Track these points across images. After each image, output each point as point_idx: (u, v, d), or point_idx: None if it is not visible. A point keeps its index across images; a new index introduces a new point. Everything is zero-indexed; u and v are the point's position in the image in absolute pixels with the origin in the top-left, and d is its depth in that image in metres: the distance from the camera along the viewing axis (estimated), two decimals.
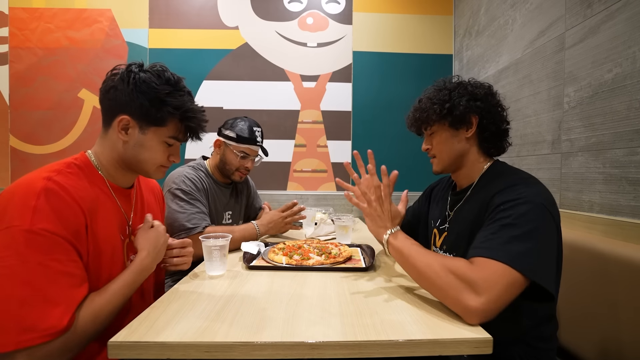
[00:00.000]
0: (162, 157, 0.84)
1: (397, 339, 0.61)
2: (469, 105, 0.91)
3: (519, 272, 0.67)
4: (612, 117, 1.14)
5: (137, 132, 0.80)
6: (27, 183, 0.68)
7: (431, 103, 0.94)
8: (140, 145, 0.81)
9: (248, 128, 1.47)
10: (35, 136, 2.28)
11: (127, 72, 0.79)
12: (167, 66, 0.84)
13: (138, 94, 0.77)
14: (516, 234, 0.71)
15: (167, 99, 0.79)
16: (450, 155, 0.95)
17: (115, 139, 0.81)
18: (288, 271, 1.00)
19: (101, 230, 0.76)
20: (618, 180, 1.12)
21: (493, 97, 0.95)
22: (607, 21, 1.16)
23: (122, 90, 0.78)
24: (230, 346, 0.59)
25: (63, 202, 0.69)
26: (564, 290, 1.09)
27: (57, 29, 2.28)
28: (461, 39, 2.32)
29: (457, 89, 0.94)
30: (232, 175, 1.51)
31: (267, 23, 2.36)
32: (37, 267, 0.62)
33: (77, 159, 0.80)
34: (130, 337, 0.60)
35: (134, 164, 0.83)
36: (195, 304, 0.75)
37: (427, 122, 0.98)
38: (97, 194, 0.78)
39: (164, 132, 0.82)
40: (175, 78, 0.82)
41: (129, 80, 0.78)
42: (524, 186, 0.79)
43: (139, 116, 0.79)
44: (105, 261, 0.77)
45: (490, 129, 0.93)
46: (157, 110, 0.79)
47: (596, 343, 0.99)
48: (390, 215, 0.88)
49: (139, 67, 0.80)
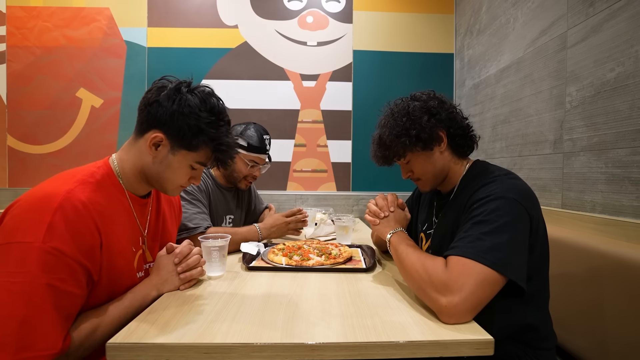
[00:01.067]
0: (184, 179, 0.85)
1: (398, 340, 0.61)
2: (432, 123, 0.91)
3: (489, 267, 0.69)
4: (615, 117, 1.14)
5: (167, 151, 0.80)
6: (46, 195, 0.68)
7: (395, 136, 0.93)
8: (167, 164, 0.81)
9: (259, 136, 1.46)
10: (33, 136, 2.28)
11: (175, 90, 0.79)
12: (213, 89, 0.84)
13: (180, 115, 0.77)
14: (486, 230, 0.73)
15: (206, 128, 0.79)
16: (435, 173, 0.97)
17: (143, 151, 0.81)
18: (288, 272, 1.00)
19: (116, 244, 0.77)
20: (620, 180, 1.12)
21: (444, 102, 0.96)
22: (609, 20, 1.16)
23: (166, 108, 0.78)
24: (230, 347, 0.59)
25: (80, 220, 0.69)
26: (565, 290, 1.10)
27: (55, 27, 2.28)
28: (462, 38, 2.32)
29: (413, 111, 0.92)
30: (239, 184, 1.51)
31: (267, 22, 2.36)
32: (43, 287, 0.62)
33: (100, 167, 0.80)
34: (128, 339, 0.60)
35: (156, 179, 0.83)
36: (194, 305, 0.75)
37: (398, 155, 0.97)
38: (115, 205, 0.79)
39: (193, 157, 0.82)
40: (219, 107, 0.83)
41: (174, 100, 0.78)
42: (498, 183, 0.81)
43: (174, 137, 0.79)
44: (118, 272, 0.77)
45: (458, 133, 0.94)
46: (193, 137, 0.79)
47: (597, 344, 0.99)
48: (395, 218, 0.98)
49: (187, 87, 0.80)
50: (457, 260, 0.71)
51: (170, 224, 1.00)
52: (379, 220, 0.99)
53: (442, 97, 0.97)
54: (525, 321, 0.83)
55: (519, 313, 0.82)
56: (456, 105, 0.98)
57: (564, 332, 1.07)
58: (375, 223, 0.99)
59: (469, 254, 0.71)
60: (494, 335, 0.63)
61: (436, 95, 0.97)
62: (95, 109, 2.29)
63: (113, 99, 2.29)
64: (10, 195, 2.27)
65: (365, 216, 1.04)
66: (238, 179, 1.49)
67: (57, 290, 0.63)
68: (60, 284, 0.64)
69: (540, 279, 0.85)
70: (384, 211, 0.99)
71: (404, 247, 0.85)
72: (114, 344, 0.59)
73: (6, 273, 0.61)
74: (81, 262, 0.68)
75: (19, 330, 0.59)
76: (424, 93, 0.97)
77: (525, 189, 0.82)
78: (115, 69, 2.28)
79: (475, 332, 0.64)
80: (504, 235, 0.72)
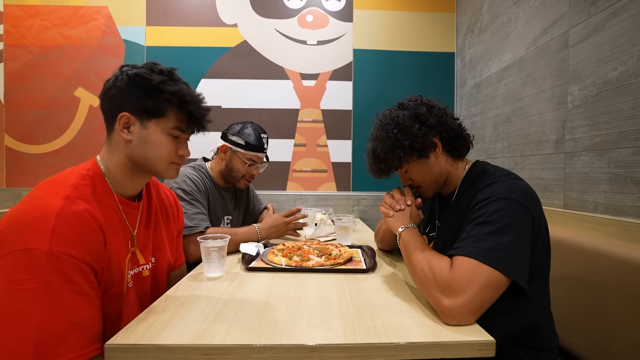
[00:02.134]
0: (169, 152, 0.83)
1: (399, 342, 0.61)
2: (424, 131, 0.91)
3: (491, 267, 0.69)
4: (617, 116, 1.14)
5: (138, 128, 0.80)
6: (43, 202, 0.68)
7: (388, 149, 0.92)
8: (145, 141, 0.80)
9: (256, 135, 1.46)
10: (30, 135, 2.28)
11: (120, 71, 0.81)
12: (161, 62, 0.84)
13: (133, 87, 0.78)
14: (489, 230, 0.73)
15: (161, 86, 0.78)
16: (435, 179, 0.97)
17: (119, 141, 0.81)
18: (287, 273, 1.00)
19: (114, 245, 0.77)
20: (623, 180, 1.12)
21: (432, 106, 0.95)
22: (611, 18, 1.16)
23: (118, 88, 0.79)
24: (229, 349, 0.59)
25: (85, 222, 0.69)
26: (567, 291, 1.10)
27: (53, 26, 2.28)
28: (463, 37, 2.32)
29: (402, 121, 0.92)
30: (237, 183, 1.50)
31: (266, 20, 2.36)
32: (57, 291, 0.62)
33: (89, 169, 0.79)
34: (127, 340, 0.60)
35: (142, 163, 0.82)
36: (193, 306, 0.75)
37: (395, 167, 0.97)
38: (107, 206, 0.79)
39: (166, 123, 0.81)
40: (168, 69, 0.83)
41: (122, 77, 0.79)
42: (500, 184, 0.81)
43: (137, 110, 0.79)
44: (112, 273, 0.77)
45: (451, 136, 0.94)
46: (154, 100, 0.78)
47: (599, 345, 0.99)
48: (410, 213, 0.97)
49: (132, 67, 0.81)
50: (462, 261, 0.71)
51: (164, 228, 0.99)
52: (393, 212, 0.98)
53: (429, 101, 0.97)
54: (527, 322, 0.83)
55: (520, 314, 0.82)
56: (445, 106, 0.98)
57: (566, 333, 1.07)
58: (389, 215, 0.98)
59: (472, 254, 0.71)
60: (496, 337, 0.63)
61: (423, 100, 0.97)
62: (94, 108, 2.29)
63: None
64: (7, 195, 2.27)
65: (380, 207, 1.02)
66: (236, 178, 1.49)
67: (71, 293, 0.64)
68: (76, 287, 0.65)
69: (541, 280, 0.85)
70: (400, 204, 0.98)
71: (414, 244, 0.84)
72: (112, 345, 0.59)
73: (16, 281, 0.61)
74: (89, 262, 0.68)
75: (35, 336, 0.59)
76: (411, 100, 0.97)
77: (527, 189, 0.82)
78: (113, 68, 2.24)
79: (477, 334, 0.64)
80: (507, 236, 0.72)
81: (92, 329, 0.66)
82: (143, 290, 0.89)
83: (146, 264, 0.91)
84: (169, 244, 1.00)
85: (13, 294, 0.60)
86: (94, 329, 0.67)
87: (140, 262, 0.89)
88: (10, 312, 0.60)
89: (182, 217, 1.12)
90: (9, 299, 0.61)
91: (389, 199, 1.02)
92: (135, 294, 0.85)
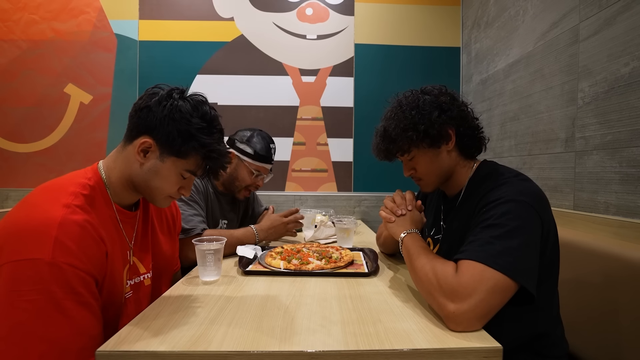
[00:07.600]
0: (172, 188, 0.85)
1: (402, 349, 0.61)
2: (442, 119, 0.90)
3: (499, 272, 0.68)
4: (629, 114, 1.14)
5: (155, 157, 0.80)
6: (43, 210, 0.68)
7: (401, 129, 0.91)
8: (155, 172, 0.81)
9: (265, 145, 1.46)
10: (19, 134, 2.28)
11: (167, 96, 0.80)
12: (206, 97, 0.85)
13: (170, 121, 0.78)
14: (497, 233, 0.73)
15: (197, 134, 0.79)
16: (439, 174, 0.96)
17: (131, 158, 0.81)
18: (286, 276, 1.00)
19: (114, 256, 0.78)
20: (636, 180, 1.12)
21: (455, 99, 0.95)
22: (623, 12, 1.16)
23: (156, 113, 0.78)
24: (225, 356, 0.59)
25: (86, 233, 0.70)
26: (577, 296, 1.10)
27: (42, 20, 2.28)
28: (469, 31, 2.32)
29: (423, 105, 0.91)
30: (237, 193, 1.50)
31: (264, 14, 2.36)
32: (60, 302, 0.63)
33: (90, 178, 0.80)
34: (119, 346, 0.60)
35: (143, 188, 0.83)
36: (188, 311, 0.75)
37: (402, 150, 0.96)
38: (105, 216, 0.79)
39: (182, 165, 0.82)
40: (212, 114, 0.83)
41: (165, 105, 0.79)
42: (508, 185, 0.81)
43: (163, 143, 0.79)
44: (111, 283, 0.78)
45: (467, 133, 0.94)
46: (183, 143, 0.79)
47: (611, 352, 0.99)
48: (412, 218, 0.97)
49: (180, 94, 0.81)
50: (468, 265, 0.71)
51: (161, 234, 1.00)
52: (394, 217, 0.98)
53: (454, 93, 0.96)
54: (536, 329, 0.83)
55: (529, 321, 0.82)
56: (468, 103, 0.98)
57: (576, 340, 1.07)
58: (391, 220, 0.98)
59: (479, 258, 0.70)
60: (504, 344, 0.63)
61: (448, 90, 0.96)
62: (84, 105, 2.29)
63: (103, 95, 2.29)
64: None
65: (380, 212, 1.02)
66: (239, 187, 1.48)
67: (75, 304, 0.65)
68: (77, 297, 0.65)
69: (549, 285, 0.85)
70: (401, 209, 0.99)
71: (417, 250, 0.84)
72: (103, 351, 0.59)
73: (17, 292, 0.61)
74: (91, 272, 0.69)
75: (39, 348, 0.60)
76: (435, 87, 0.96)
77: (536, 192, 0.81)
78: (105, 63, 2.28)
79: (483, 340, 0.64)
80: (516, 240, 0.72)
81: (96, 339, 0.67)
82: (143, 300, 0.90)
83: (147, 273, 0.92)
84: (169, 248, 1.02)
85: (14, 305, 0.61)
86: (97, 339, 0.67)
87: (141, 271, 0.90)
88: (13, 323, 0.61)
89: (179, 220, 1.12)
90: (11, 310, 0.61)
91: (389, 203, 1.02)
92: (134, 304, 0.86)
